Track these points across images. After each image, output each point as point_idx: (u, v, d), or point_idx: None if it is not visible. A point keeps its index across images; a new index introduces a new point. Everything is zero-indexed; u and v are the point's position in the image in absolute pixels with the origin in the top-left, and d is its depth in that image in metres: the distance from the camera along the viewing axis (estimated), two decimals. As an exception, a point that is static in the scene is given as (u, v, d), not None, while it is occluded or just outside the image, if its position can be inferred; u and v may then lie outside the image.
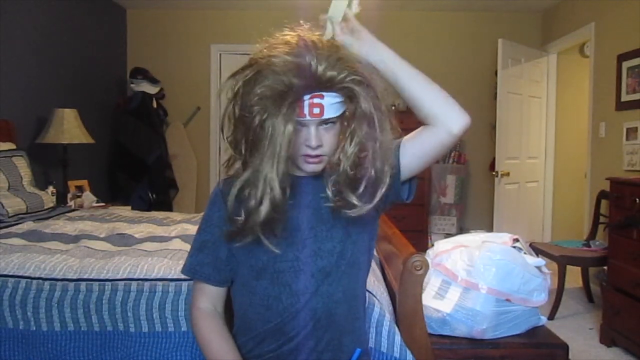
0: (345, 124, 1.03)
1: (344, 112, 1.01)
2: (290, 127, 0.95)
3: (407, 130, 1.11)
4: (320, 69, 0.95)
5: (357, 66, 0.99)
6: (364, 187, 1.00)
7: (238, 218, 1.01)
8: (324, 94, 0.98)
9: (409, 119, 1.12)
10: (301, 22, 1.03)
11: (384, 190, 1.01)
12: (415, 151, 1.09)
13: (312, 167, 1.04)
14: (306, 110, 0.98)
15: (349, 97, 0.99)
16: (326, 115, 0.99)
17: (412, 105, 1.07)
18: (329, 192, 1.02)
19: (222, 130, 1.04)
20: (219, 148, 5.01)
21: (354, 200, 1.00)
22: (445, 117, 1.05)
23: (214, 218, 1.11)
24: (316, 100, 0.98)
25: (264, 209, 0.97)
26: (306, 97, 0.97)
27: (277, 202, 0.98)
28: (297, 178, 1.09)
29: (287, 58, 0.95)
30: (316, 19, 1.05)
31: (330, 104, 0.99)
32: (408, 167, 1.09)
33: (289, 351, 1.07)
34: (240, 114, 0.99)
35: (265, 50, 0.99)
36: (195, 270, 1.13)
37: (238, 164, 1.04)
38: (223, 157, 1.12)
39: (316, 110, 0.98)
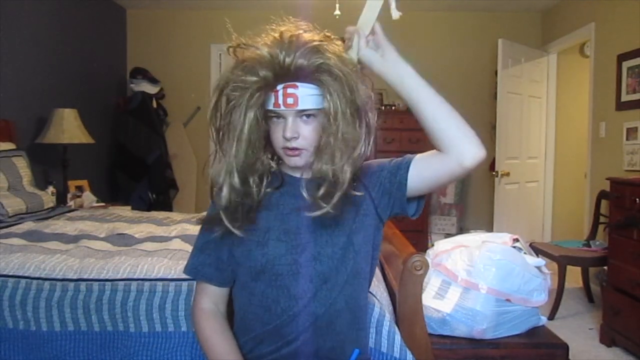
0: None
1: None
2: (250, 114, 0.97)
3: (406, 130, 1.11)
4: (289, 59, 0.96)
5: (334, 57, 0.97)
6: (324, 186, 0.99)
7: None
8: (298, 84, 0.98)
9: (409, 118, 1.11)
10: (287, 17, 1.03)
11: (340, 193, 0.98)
12: (423, 173, 1.06)
13: (292, 161, 1.04)
14: (280, 100, 0.99)
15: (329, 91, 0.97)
16: (301, 106, 0.99)
17: (427, 129, 1.03)
18: (304, 193, 1.01)
19: (209, 120, 1.05)
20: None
21: (318, 201, 0.99)
22: (460, 148, 1.00)
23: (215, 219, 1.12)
24: (290, 90, 0.98)
25: (224, 195, 1.01)
26: (279, 87, 0.98)
27: (235, 189, 1.01)
28: (298, 180, 1.09)
29: (259, 50, 0.97)
30: (316, 19, 1.05)
31: (306, 94, 0.98)
32: (415, 186, 1.07)
33: (288, 354, 1.06)
34: (219, 102, 1.02)
35: (244, 39, 1.01)
36: (197, 270, 1.13)
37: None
38: (207, 167, 1.13)
39: (290, 101, 0.98)
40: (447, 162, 1.02)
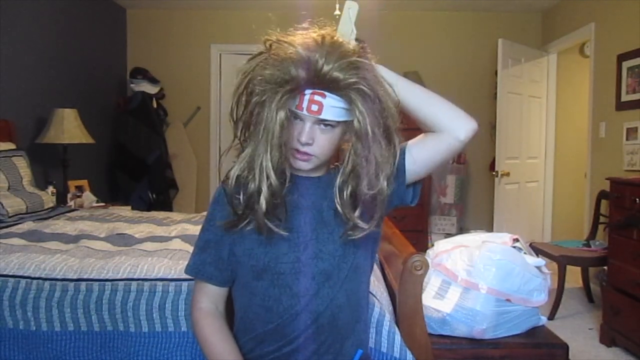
0: (347, 135, 1.02)
1: (349, 122, 1.00)
2: (282, 114, 0.96)
3: (406, 130, 1.11)
4: (327, 67, 0.94)
5: (370, 76, 0.97)
6: (361, 206, 1.01)
7: (238, 197, 1.02)
8: (326, 93, 0.97)
9: (408, 118, 1.12)
10: (324, 21, 1.02)
11: (381, 211, 1.02)
12: (422, 156, 1.08)
13: (299, 164, 1.03)
14: (305, 105, 0.98)
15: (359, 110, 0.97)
16: (323, 116, 0.98)
17: (418, 119, 1.08)
18: (339, 208, 1.02)
19: (231, 110, 1.04)
20: (219, 148, 5.01)
21: (357, 221, 1.01)
22: (452, 125, 1.06)
23: (217, 217, 1.11)
24: (316, 98, 0.97)
25: (264, 198, 0.99)
26: (308, 91, 0.97)
27: (274, 190, 0.99)
28: (300, 178, 1.09)
29: (299, 49, 0.95)
30: (316, 19, 1.05)
31: (331, 105, 0.98)
32: (414, 171, 1.09)
33: (289, 353, 1.07)
34: (244, 94, 1.01)
35: (283, 38, 0.99)
36: (198, 269, 1.13)
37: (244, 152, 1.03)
38: (223, 158, 1.12)
39: (314, 108, 0.97)
40: (443, 139, 1.07)
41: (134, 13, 5.00)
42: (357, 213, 1.01)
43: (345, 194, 1.01)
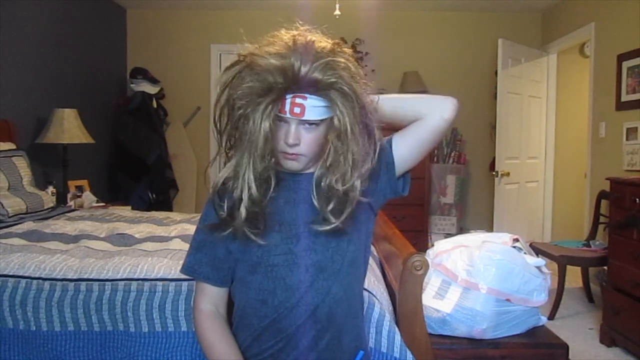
0: (327, 132, 1.03)
1: (329, 119, 1.01)
2: (266, 124, 0.98)
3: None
4: (304, 70, 0.96)
5: (346, 75, 0.99)
6: (335, 201, 1.02)
7: (222, 205, 1.05)
8: (307, 95, 0.99)
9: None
10: (299, 22, 1.03)
11: (350, 208, 1.02)
12: (410, 142, 1.11)
13: (289, 164, 1.05)
14: (287, 108, 0.99)
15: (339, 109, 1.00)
16: (306, 117, 1.00)
17: (400, 119, 1.11)
18: (314, 199, 1.04)
19: (214, 123, 1.06)
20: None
21: (327, 215, 1.02)
22: (434, 110, 1.09)
23: (211, 218, 1.12)
24: (298, 100, 0.99)
25: (243, 206, 1.01)
26: (289, 95, 0.99)
27: (254, 199, 1.01)
28: (292, 175, 1.10)
29: (274, 57, 0.97)
30: (316, 19, 1.05)
31: (313, 106, 0.99)
32: (404, 160, 1.12)
33: (287, 349, 1.07)
34: (226, 107, 1.03)
35: (256, 48, 1.00)
36: (194, 269, 1.14)
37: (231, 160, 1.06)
38: (210, 169, 1.15)
39: (297, 110, 0.99)
40: (428, 122, 1.10)
41: (134, 13, 5.00)
42: (329, 207, 1.02)
43: (322, 186, 1.03)
